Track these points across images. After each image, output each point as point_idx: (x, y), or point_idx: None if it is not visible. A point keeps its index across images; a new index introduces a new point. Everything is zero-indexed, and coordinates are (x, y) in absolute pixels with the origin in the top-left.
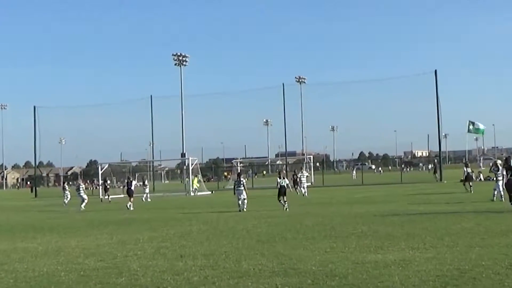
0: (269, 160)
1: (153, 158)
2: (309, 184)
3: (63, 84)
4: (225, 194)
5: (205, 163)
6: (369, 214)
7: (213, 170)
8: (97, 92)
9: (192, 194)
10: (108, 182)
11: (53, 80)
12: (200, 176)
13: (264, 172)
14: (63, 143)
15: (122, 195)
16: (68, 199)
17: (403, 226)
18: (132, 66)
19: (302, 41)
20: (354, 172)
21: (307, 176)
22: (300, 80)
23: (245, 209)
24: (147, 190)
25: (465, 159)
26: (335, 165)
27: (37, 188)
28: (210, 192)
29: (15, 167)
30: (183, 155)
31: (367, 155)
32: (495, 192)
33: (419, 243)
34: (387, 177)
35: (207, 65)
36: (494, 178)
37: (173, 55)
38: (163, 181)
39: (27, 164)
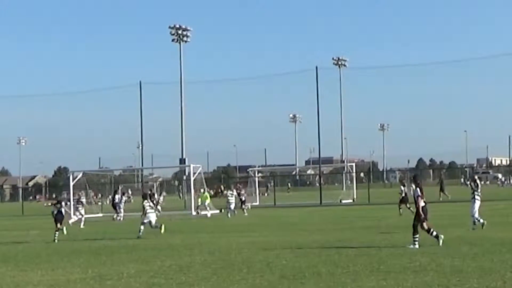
0: (297, 169)
1: (142, 165)
2: (350, 201)
3: (21, 66)
4: (238, 214)
5: (212, 172)
6: (430, 241)
7: (223, 181)
8: (67, 77)
9: (204, 213)
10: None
11: (8, 60)
12: (206, 189)
13: (290, 184)
14: (23, 144)
15: (101, 214)
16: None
17: (476, 258)
18: (115, 41)
19: (342, 10)
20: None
21: (231, 194)
22: (339, 63)
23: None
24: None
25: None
26: (385, 175)
27: None
28: (218, 211)
29: None
30: (182, 161)
31: (427, 162)
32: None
33: (497, 280)
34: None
35: (215, 42)
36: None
37: (170, 28)
38: (156, 196)
39: None
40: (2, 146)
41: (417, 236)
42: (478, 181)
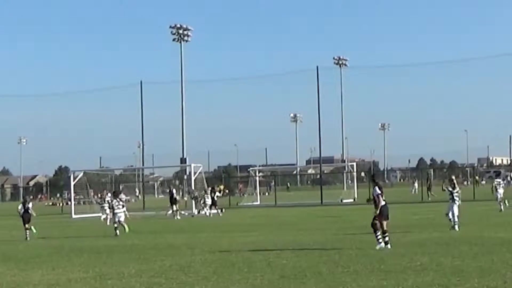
0: (298, 169)
1: (143, 164)
2: (351, 200)
3: (21, 66)
4: (239, 213)
5: (213, 172)
6: (430, 241)
7: (224, 180)
8: (67, 77)
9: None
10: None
11: (8, 60)
12: (207, 189)
13: (289, 184)
14: (24, 143)
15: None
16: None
17: (476, 258)
18: (115, 41)
19: (342, 10)
20: (416, 184)
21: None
22: (340, 62)
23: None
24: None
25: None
26: (386, 175)
27: None
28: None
29: None
30: (183, 160)
31: (428, 162)
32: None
33: (497, 280)
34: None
35: (216, 42)
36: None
37: (171, 27)
38: (156, 195)
39: None
40: (2, 146)
41: (379, 233)
42: (455, 182)
